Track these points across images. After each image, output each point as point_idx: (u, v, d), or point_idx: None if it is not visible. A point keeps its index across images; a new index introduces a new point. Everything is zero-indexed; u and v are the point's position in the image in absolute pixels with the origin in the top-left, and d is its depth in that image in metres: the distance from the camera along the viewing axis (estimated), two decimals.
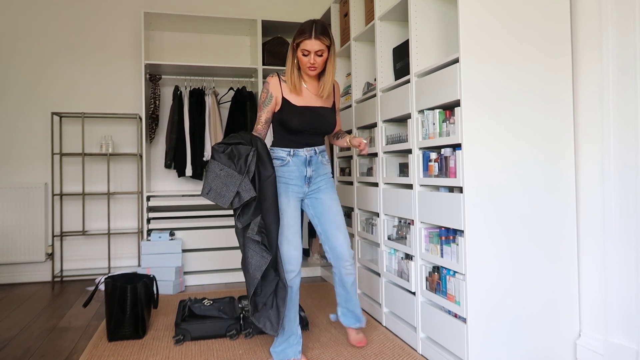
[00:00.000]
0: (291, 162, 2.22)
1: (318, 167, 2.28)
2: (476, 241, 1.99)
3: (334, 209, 2.29)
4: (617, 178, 1.93)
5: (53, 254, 3.94)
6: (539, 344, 2.07)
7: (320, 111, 2.26)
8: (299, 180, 2.23)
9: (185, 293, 3.52)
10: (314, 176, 2.28)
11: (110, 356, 2.31)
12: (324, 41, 2.12)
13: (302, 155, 2.24)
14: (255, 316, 2.09)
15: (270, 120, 2.25)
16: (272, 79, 2.22)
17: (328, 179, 2.33)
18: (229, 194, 1.96)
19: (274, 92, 2.21)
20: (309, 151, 2.25)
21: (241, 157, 1.99)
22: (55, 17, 4.11)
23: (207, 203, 3.93)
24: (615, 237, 1.94)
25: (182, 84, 4.18)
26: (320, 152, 2.31)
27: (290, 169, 2.22)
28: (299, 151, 2.23)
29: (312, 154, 2.26)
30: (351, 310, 2.41)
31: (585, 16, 2.09)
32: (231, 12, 4.45)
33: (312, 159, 2.26)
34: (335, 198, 2.32)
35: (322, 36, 2.12)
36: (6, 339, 2.61)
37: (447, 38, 2.44)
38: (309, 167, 2.25)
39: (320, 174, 2.30)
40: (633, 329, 1.87)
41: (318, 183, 2.29)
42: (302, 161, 2.24)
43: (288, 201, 2.19)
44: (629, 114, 1.88)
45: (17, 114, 4.02)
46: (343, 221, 2.32)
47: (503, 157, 2.03)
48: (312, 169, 2.26)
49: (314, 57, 2.14)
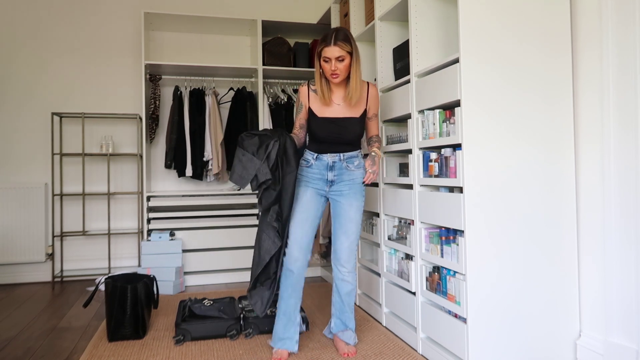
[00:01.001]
0: (314, 165, 2.30)
1: (342, 173, 2.29)
2: (476, 241, 1.99)
3: (349, 215, 2.28)
4: (617, 178, 1.93)
5: (53, 254, 3.94)
6: (539, 344, 2.07)
7: (342, 122, 2.26)
8: (320, 182, 2.29)
9: (185, 293, 3.52)
10: (336, 181, 2.29)
11: (111, 356, 2.31)
12: (344, 47, 2.15)
13: (325, 160, 2.28)
14: (251, 293, 2.26)
15: (305, 127, 2.35)
16: (302, 88, 2.33)
17: (353, 185, 2.29)
18: (248, 176, 2.11)
19: (303, 101, 2.32)
20: (333, 157, 2.28)
21: (262, 146, 2.12)
22: (55, 17, 4.11)
23: (208, 203, 3.94)
24: (615, 237, 1.94)
25: (182, 84, 4.17)
26: (347, 158, 2.28)
27: (313, 170, 2.30)
28: (323, 156, 2.29)
29: (336, 159, 2.28)
30: (344, 322, 2.36)
31: (585, 16, 2.09)
32: (231, 12, 4.45)
33: (335, 164, 2.28)
34: (354, 205, 2.28)
35: (342, 42, 2.14)
36: (6, 339, 2.61)
37: (447, 38, 2.44)
38: (331, 171, 2.28)
39: (345, 180, 2.29)
40: (633, 329, 1.87)
41: (341, 187, 2.29)
42: (324, 165, 2.28)
43: (305, 190, 2.28)
44: (629, 113, 1.88)
45: (17, 114, 4.02)
46: (354, 229, 2.29)
47: (503, 157, 2.03)
48: (335, 174, 2.29)
49: (335, 64, 2.16)
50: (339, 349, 2.33)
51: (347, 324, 2.36)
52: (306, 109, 2.30)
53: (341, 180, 2.29)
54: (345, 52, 2.15)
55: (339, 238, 2.30)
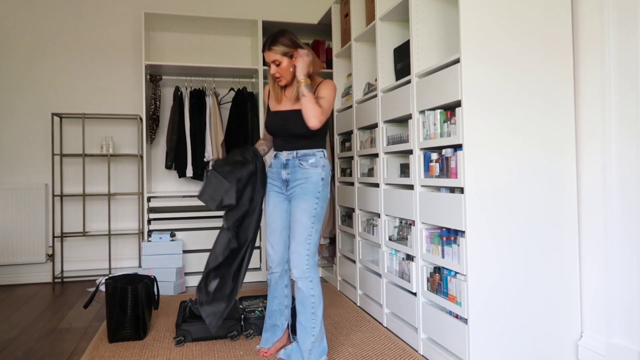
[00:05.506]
0: (273, 164, 2.33)
1: (295, 171, 2.22)
2: (477, 242, 1.98)
3: (295, 218, 2.17)
4: (619, 179, 1.93)
5: (53, 255, 3.94)
6: (541, 344, 2.06)
7: (287, 115, 2.23)
8: (279, 182, 2.30)
9: (186, 294, 3.52)
10: (290, 180, 2.23)
11: (111, 357, 2.31)
12: (278, 50, 2.15)
13: (281, 158, 2.28)
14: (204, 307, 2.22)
15: None
16: (265, 87, 2.39)
17: (305, 184, 2.19)
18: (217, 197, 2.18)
19: (265, 100, 2.40)
20: (288, 154, 2.24)
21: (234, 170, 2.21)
22: (55, 17, 4.11)
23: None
24: (617, 237, 1.94)
25: (183, 85, 4.17)
26: (301, 156, 2.21)
27: (272, 170, 2.33)
28: (280, 154, 2.29)
29: (290, 157, 2.23)
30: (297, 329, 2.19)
31: (586, 18, 2.09)
32: (232, 12, 4.45)
33: (288, 162, 2.24)
34: (301, 207, 2.16)
35: (273, 46, 2.16)
36: (7, 340, 2.61)
37: (447, 38, 2.43)
38: (285, 169, 2.25)
39: (298, 178, 2.21)
40: (635, 329, 1.87)
41: (294, 188, 2.22)
42: (280, 164, 2.28)
43: (268, 199, 2.33)
44: (630, 116, 1.87)
45: (17, 115, 4.02)
46: (301, 232, 2.15)
47: (504, 157, 2.03)
48: (288, 172, 2.24)
49: (274, 67, 2.20)
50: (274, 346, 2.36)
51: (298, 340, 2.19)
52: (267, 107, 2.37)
53: (295, 179, 2.22)
54: (279, 55, 2.15)
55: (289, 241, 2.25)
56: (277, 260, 2.31)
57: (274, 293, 2.37)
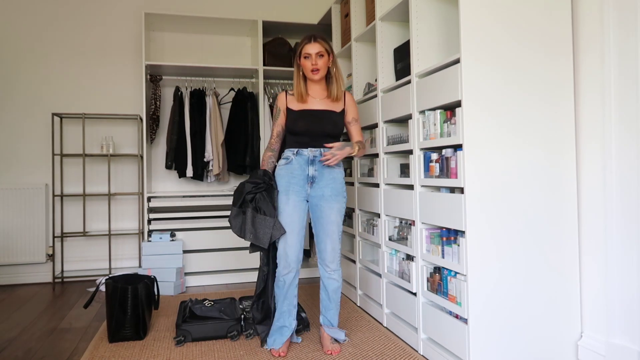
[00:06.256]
0: (294, 161, 2.32)
1: (322, 169, 2.31)
2: (477, 242, 1.98)
3: (331, 219, 2.32)
4: (619, 179, 1.93)
5: (54, 255, 3.94)
6: (541, 345, 2.06)
7: (321, 114, 2.33)
8: (301, 179, 2.30)
9: (186, 294, 3.52)
10: (317, 177, 2.31)
11: (111, 357, 2.31)
12: (323, 44, 2.31)
13: (306, 154, 2.31)
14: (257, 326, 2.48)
15: (281, 134, 2.42)
16: (280, 95, 2.42)
17: (334, 184, 2.33)
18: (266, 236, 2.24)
19: (281, 106, 2.39)
20: (314, 152, 2.31)
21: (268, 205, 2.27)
22: (56, 18, 4.11)
23: (208, 204, 3.94)
24: (617, 237, 1.94)
25: (183, 85, 4.18)
26: None
27: (293, 166, 2.31)
28: (303, 151, 2.32)
29: (317, 154, 2.31)
30: (328, 319, 2.41)
31: (586, 18, 2.09)
32: (232, 12, 4.45)
33: (315, 159, 2.31)
34: (335, 208, 2.33)
35: (322, 40, 2.31)
36: (7, 340, 2.61)
37: (447, 38, 2.43)
38: (312, 166, 2.31)
39: (326, 177, 2.31)
40: (635, 329, 1.87)
41: (323, 189, 2.31)
42: (305, 160, 2.30)
43: (287, 199, 2.29)
44: (630, 116, 1.87)
45: (18, 115, 4.02)
46: (336, 231, 2.34)
47: (504, 158, 2.02)
48: (315, 169, 2.31)
49: (315, 59, 2.28)
50: (324, 345, 2.36)
51: (331, 321, 2.41)
52: (284, 113, 2.37)
53: (322, 177, 2.31)
54: (324, 49, 2.30)
55: (323, 241, 2.35)
56: (295, 260, 2.32)
57: (286, 294, 2.34)
